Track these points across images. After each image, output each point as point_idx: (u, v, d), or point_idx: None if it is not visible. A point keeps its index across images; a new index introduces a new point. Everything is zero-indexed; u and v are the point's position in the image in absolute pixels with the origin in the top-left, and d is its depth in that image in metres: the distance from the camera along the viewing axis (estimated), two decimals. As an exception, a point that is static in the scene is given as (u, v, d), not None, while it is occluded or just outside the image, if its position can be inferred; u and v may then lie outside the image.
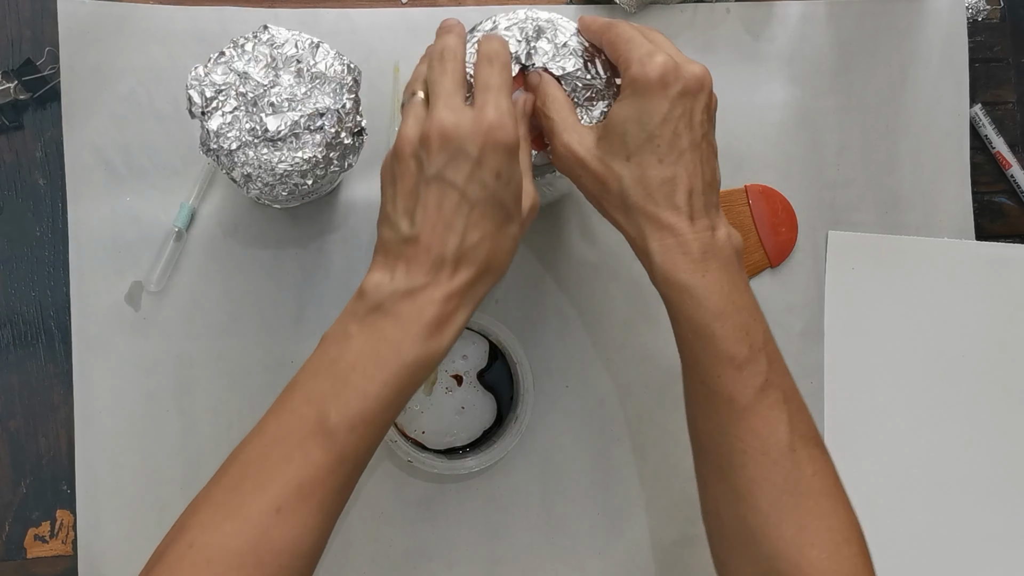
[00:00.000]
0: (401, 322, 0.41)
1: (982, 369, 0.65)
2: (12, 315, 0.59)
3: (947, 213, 0.66)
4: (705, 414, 0.45)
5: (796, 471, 0.43)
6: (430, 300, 0.41)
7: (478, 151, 0.41)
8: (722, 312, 0.43)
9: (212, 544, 0.39)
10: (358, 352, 0.41)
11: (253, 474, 0.40)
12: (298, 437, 0.40)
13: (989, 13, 0.68)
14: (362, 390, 0.41)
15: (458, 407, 0.60)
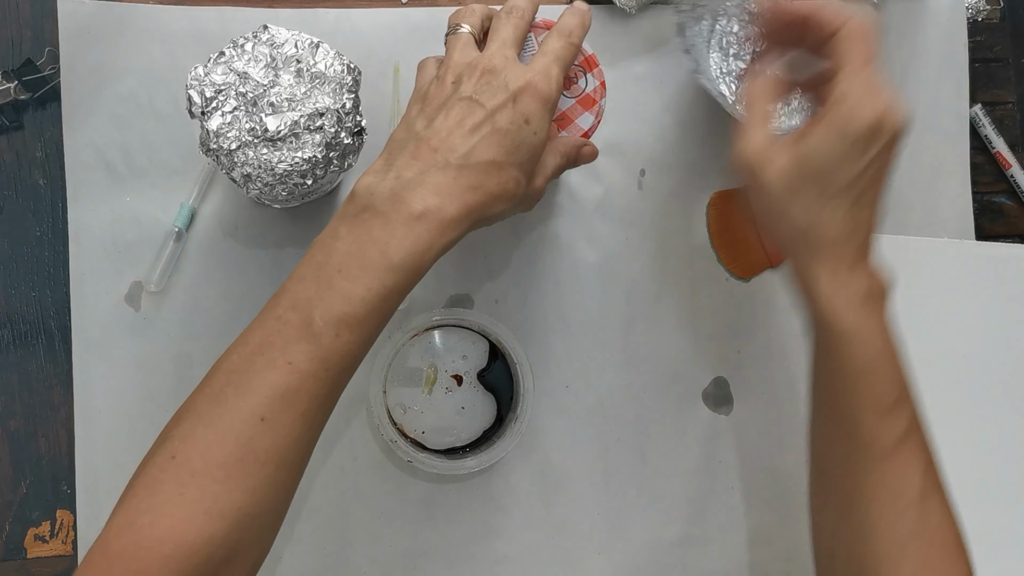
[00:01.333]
0: (389, 222, 0.40)
1: (982, 369, 0.65)
2: (12, 315, 0.59)
3: (947, 213, 0.66)
4: (838, 454, 0.44)
5: (923, 520, 0.43)
6: (421, 197, 0.41)
7: (516, 89, 0.42)
8: (878, 358, 0.43)
9: (195, 455, 0.38)
10: (344, 254, 0.40)
11: (236, 382, 0.39)
12: (281, 343, 0.39)
13: (989, 13, 0.68)
14: (347, 293, 0.40)
15: (458, 407, 0.60)
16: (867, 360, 0.42)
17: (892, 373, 0.43)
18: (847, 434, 0.43)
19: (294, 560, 0.59)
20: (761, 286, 0.64)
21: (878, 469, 0.43)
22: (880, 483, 0.43)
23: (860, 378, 0.43)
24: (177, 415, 0.41)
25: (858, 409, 0.43)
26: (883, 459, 0.43)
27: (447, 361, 0.60)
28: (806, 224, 0.42)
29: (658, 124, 0.64)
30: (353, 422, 0.60)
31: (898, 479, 0.43)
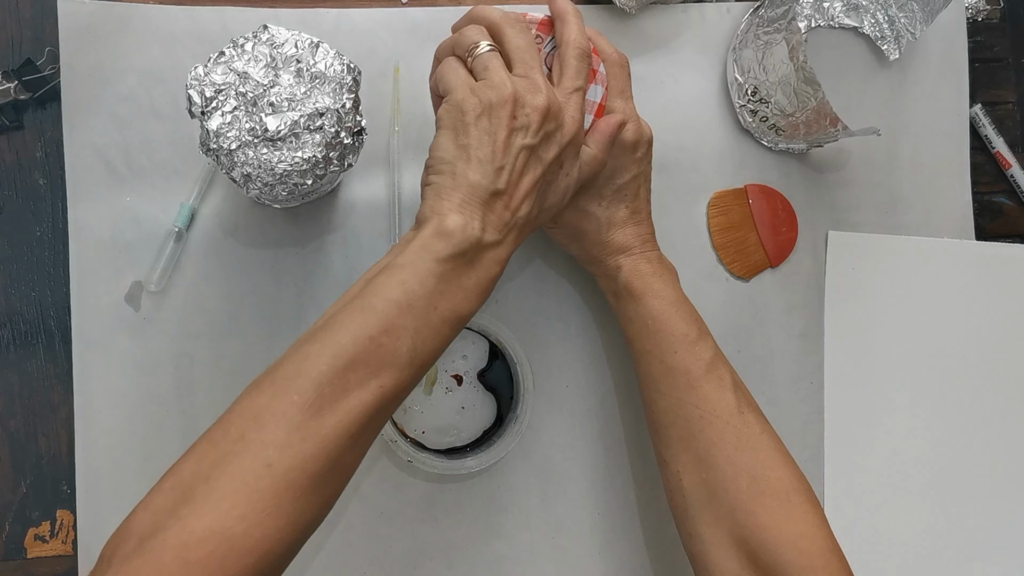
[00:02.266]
0: (478, 274, 0.44)
1: (982, 369, 0.65)
2: (12, 315, 0.59)
3: (947, 213, 0.66)
4: (663, 391, 0.52)
5: (745, 429, 0.50)
6: (498, 259, 0.45)
7: (566, 141, 0.47)
8: (676, 301, 0.53)
9: (293, 468, 0.38)
10: (439, 295, 0.43)
11: (331, 398, 0.40)
12: (375, 365, 0.41)
13: (989, 13, 0.68)
14: (437, 333, 0.43)
15: (458, 407, 0.60)
16: (669, 303, 0.53)
17: (689, 316, 0.53)
18: (667, 368, 0.52)
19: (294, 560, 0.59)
20: (761, 286, 0.64)
21: (695, 392, 0.51)
22: (700, 404, 0.50)
23: (665, 318, 0.53)
24: (257, 416, 0.40)
25: (669, 345, 0.52)
26: (699, 381, 0.51)
27: (447, 361, 0.60)
28: (597, 226, 0.54)
29: (658, 124, 0.64)
30: (353, 422, 0.60)
31: (716, 398, 0.50)
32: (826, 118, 0.57)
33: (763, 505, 0.48)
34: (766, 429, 0.51)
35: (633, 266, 0.54)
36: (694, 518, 0.50)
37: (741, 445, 0.49)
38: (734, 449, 0.49)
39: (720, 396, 0.51)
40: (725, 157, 0.64)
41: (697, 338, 0.52)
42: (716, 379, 0.51)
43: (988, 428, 0.65)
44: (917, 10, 0.64)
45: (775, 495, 0.48)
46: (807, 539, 0.47)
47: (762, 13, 0.60)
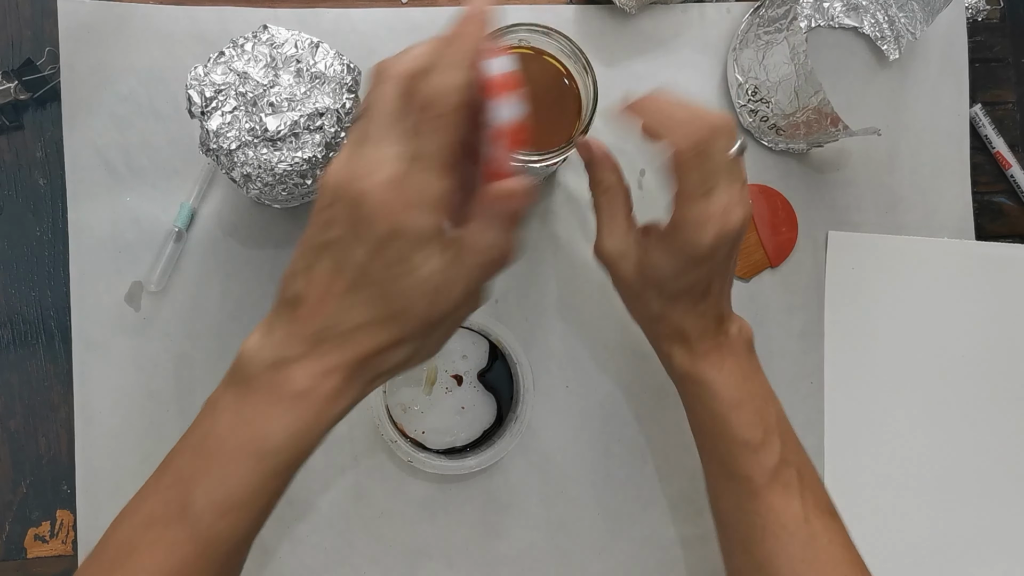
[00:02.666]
0: (266, 399, 0.36)
1: (982, 369, 0.65)
2: (12, 315, 0.59)
3: (947, 213, 0.66)
4: (724, 493, 0.49)
5: (812, 542, 0.46)
6: (305, 374, 0.36)
7: (379, 234, 0.34)
8: (738, 402, 0.47)
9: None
10: (225, 429, 0.37)
11: (124, 559, 0.38)
12: (164, 521, 0.37)
13: (989, 13, 0.68)
14: (225, 475, 0.36)
15: (458, 407, 0.60)
16: (729, 404, 0.47)
17: (753, 415, 0.47)
18: (728, 474, 0.48)
19: (294, 560, 0.59)
20: (761, 286, 0.64)
21: (757, 501, 0.46)
22: (762, 513, 0.46)
23: (725, 420, 0.47)
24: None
25: (730, 448, 0.47)
26: (762, 491, 0.46)
27: (447, 361, 0.60)
28: (654, 315, 0.48)
29: (658, 124, 0.64)
30: (353, 422, 0.60)
31: (780, 508, 0.46)
32: (826, 118, 0.57)
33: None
34: (835, 538, 0.47)
35: (687, 358, 0.48)
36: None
37: (807, 557, 0.46)
38: (799, 562, 0.46)
39: (785, 505, 0.46)
40: (725, 157, 0.64)
41: (761, 444, 0.46)
42: (781, 487, 0.46)
43: (988, 428, 0.65)
44: (917, 10, 0.64)
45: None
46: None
47: (763, 13, 0.60)
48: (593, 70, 0.51)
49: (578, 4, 0.64)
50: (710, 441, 0.48)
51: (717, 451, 0.48)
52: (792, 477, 0.47)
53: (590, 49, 0.53)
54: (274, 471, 0.37)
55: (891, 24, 0.66)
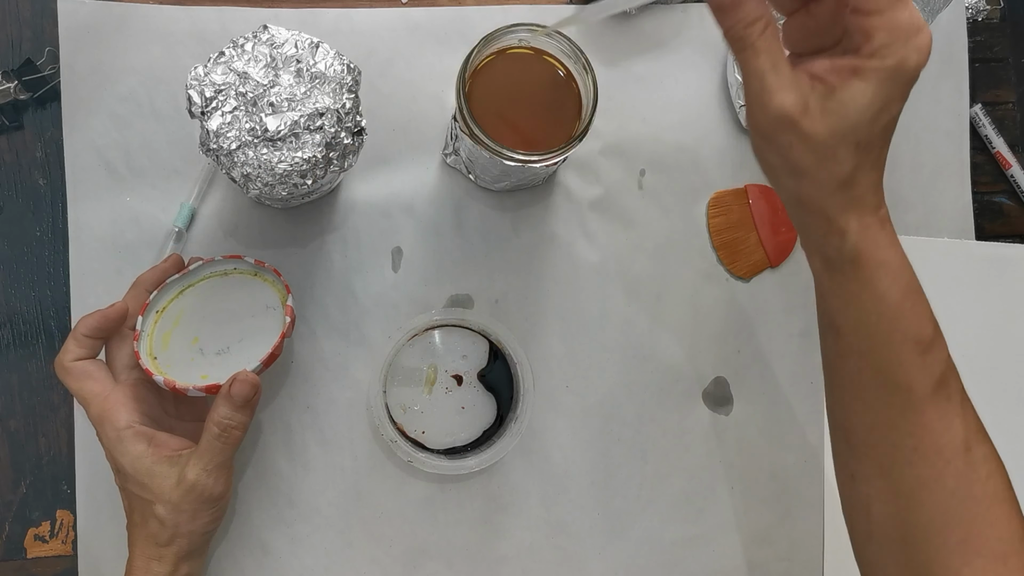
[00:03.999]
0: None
1: (982, 369, 0.65)
2: (12, 315, 0.59)
3: (947, 213, 0.66)
4: (871, 404, 0.42)
5: (970, 473, 0.40)
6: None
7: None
8: (913, 288, 0.41)
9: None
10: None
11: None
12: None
13: (989, 13, 0.68)
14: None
15: (458, 407, 0.60)
16: (904, 292, 0.40)
17: (926, 307, 0.41)
18: (883, 380, 0.41)
19: (294, 560, 0.59)
20: (761, 286, 0.64)
21: (917, 417, 0.40)
22: (918, 433, 0.40)
23: (899, 311, 0.40)
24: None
25: (896, 347, 0.40)
26: (922, 404, 0.40)
27: (447, 361, 0.60)
28: (845, 175, 0.39)
29: (658, 124, 0.64)
30: (353, 422, 0.60)
31: (939, 428, 0.40)
32: None
33: (971, 565, 0.40)
34: (994, 471, 0.41)
35: (867, 230, 0.40)
36: (879, 551, 0.43)
37: (960, 492, 0.40)
38: (950, 496, 0.40)
39: (945, 427, 0.40)
40: (725, 157, 0.64)
41: (931, 343, 0.41)
42: (944, 401, 0.41)
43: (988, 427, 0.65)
44: (917, 10, 0.64)
45: (990, 557, 0.40)
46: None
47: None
48: (593, 70, 0.51)
49: (578, 4, 0.64)
50: (870, 341, 0.41)
51: (877, 354, 0.41)
52: (955, 390, 0.41)
53: (590, 49, 0.53)
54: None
55: (891, 24, 0.66)
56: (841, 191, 0.39)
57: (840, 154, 0.38)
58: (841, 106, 0.38)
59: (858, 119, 0.38)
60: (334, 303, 0.60)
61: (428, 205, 0.62)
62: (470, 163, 0.59)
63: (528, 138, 0.53)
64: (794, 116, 0.38)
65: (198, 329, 0.53)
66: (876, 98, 0.38)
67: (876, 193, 0.40)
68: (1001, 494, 0.41)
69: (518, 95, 0.53)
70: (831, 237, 0.41)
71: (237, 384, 0.49)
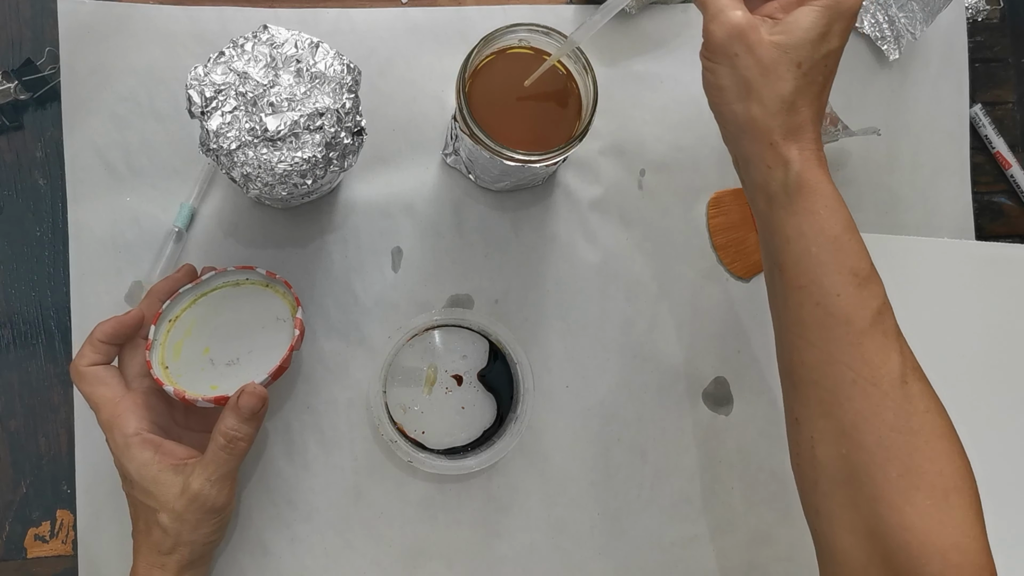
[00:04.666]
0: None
1: (982, 369, 0.65)
2: (12, 315, 0.59)
3: (947, 213, 0.66)
4: (812, 340, 0.43)
5: (907, 406, 0.41)
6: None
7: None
8: (850, 224, 0.43)
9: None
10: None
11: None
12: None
13: (989, 13, 0.68)
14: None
15: (458, 407, 0.60)
16: (843, 225, 0.43)
17: (862, 245, 0.43)
18: (823, 313, 0.42)
19: (294, 560, 0.59)
20: (761, 286, 0.64)
21: (856, 349, 0.42)
22: (856, 366, 0.42)
23: (837, 243, 0.42)
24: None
25: (833, 284, 0.42)
26: (860, 336, 0.42)
27: (447, 361, 0.60)
28: (787, 94, 0.42)
29: (658, 124, 0.64)
30: (353, 422, 0.60)
31: (877, 360, 0.42)
32: (826, 118, 0.57)
33: (913, 502, 0.40)
34: (932, 407, 0.42)
35: (808, 161, 0.43)
36: (824, 494, 0.43)
37: (899, 425, 0.41)
38: (889, 429, 0.41)
39: (883, 359, 0.41)
40: (725, 157, 0.64)
41: (868, 276, 0.42)
42: (881, 334, 0.42)
43: (988, 428, 0.65)
44: (917, 10, 0.64)
45: (930, 492, 0.40)
46: (960, 552, 0.40)
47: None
48: (593, 70, 0.51)
49: (578, 4, 0.64)
50: (809, 275, 0.43)
51: (817, 285, 0.42)
52: (891, 325, 0.43)
53: (590, 49, 0.53)
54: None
55: (891, 24, 0.66)
56: (783, 113, 0.42)
57: (782, 70, 0.42)
58: (786, 26, 0.42)
59: (801, 39, 0.42)
60: (334, 303, 0.60)
61: (428, 205, 0.62)
62: (470, 163, 0.59)
63: (528, 138, 0.53)
64: (743, 27, 0.42)
65: (209, 339, 0.54)
66: (817, 23, 0.42)
67: (815, 128, 0.43)
68: (940, 430, 0.42)
69: (518, 95, 0.53)
70: (775, 170, 0.43)
71: (245, 396, 0.49)
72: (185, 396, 0.50)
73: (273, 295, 0.55)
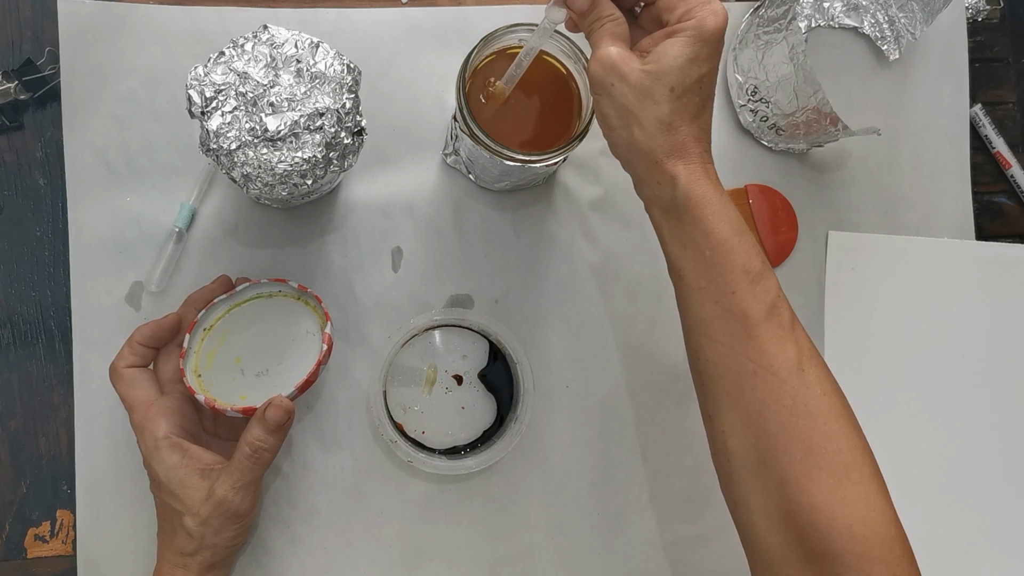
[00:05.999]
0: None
1: (982, 369, 0.65)
2: (12, 315, 0.59)
3: (947, 213, 0.66)
4: (714, 337, 0.46)
5: (804, 391, 0.44)
6: None
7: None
8: (739, 227, 0.46)
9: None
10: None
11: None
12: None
13: (989, 13, 0.68)
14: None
15: (458, 407, 0.60)
16: (732, 229, 0.45)
17: (752, 245, 0.46)
18: (721, 311, 0.45)
19: (294, 560, 0.59)
20: (761, 286, 0.64)
21: (754, 341, 0.44)
22: (755, 357, 0.44)
23: (728, 245, 0.45)
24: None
25: (727, 282, 0.45)
26: (757, 329, 0.44)
27: (447, 361, 0.60)
28: (664, 116, 0.45)
29: (658, 124, 0.64)
30: (353, 422, 0.60)
31: (774, 350, 0.44)
32: (826, 118, 0.57)
33: (816, 482, 0.42)
34: (829, 390, 0.44)
35: (693, 175, 0.46)
36: (740, 484, 0.45)
37: (797, 409, 0.43)
38: (789, 413, 0.43)
39: (779, 348, 0.44)
40: (725, 157, 0.64)
41: (760, 273, 0.45)
42: (776, 326, 0.44)
43: (988, 427, 0.65)
44: (917, 10, 0.64)
45: (831, 471, 0.42)
46: (864, 525, 0.42)
47: (762, 13, 0.60)
48: (593, 70, 0.51)
49: (578, 4, 0.64)
50: (706, 276, 0.46)
51: (715, 284, 0.45)
52: (786, 317, 0.45)
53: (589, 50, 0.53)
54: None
55: (891, 24, 0.66)
56: (663, 134, 0.46)
57: (656, 95, 0.45)
58: (655, 56, 0.45)
59: (669, 65, 0.45)
60: (334, 303, 0.60)
61: (428, 205, 0.62)
62: (470, 163, 0.59)
63: (528, 138, 0.53)
64: (615, 60, 0.45)
65: (241, 350, 0.55)
66: (684, 51, 0.44)
67: (699, 144, 0.46)
68: (837, 410, 0.44)
69: (518, 95, 0.53)
70: (664, 186, 0.47)
71: (272, 409, 0.50)
72: (215, 405, 0.51)
73: (304, 308, 0.56)
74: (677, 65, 0.45)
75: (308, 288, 0.55)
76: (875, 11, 0.66)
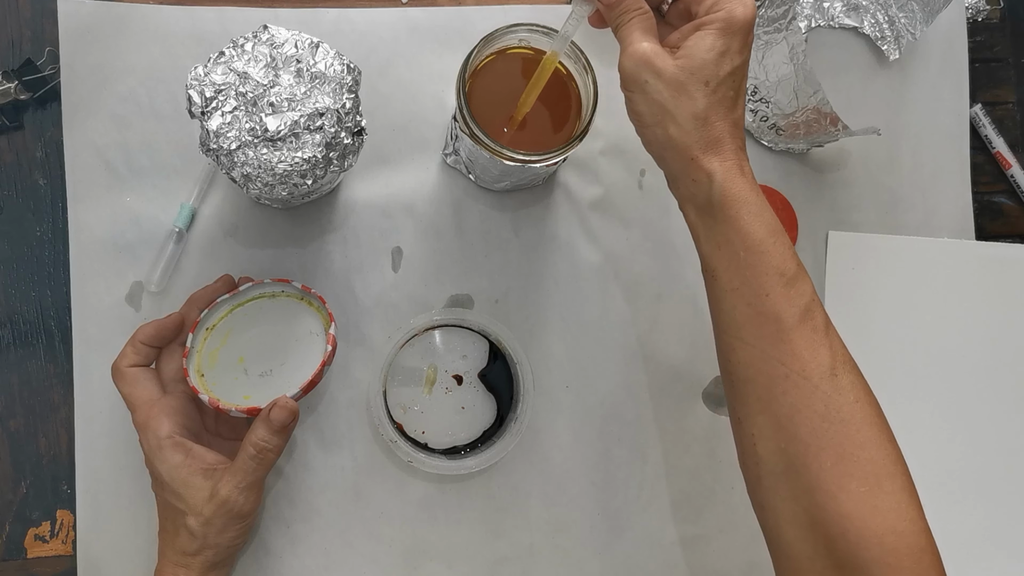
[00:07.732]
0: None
1: (982, 368, 0.65)
2: (12, 315, 0.59)
3: (947, 213, 0.66)
4: (746, 339, 0.45)
5: (837, 397, 0.43)
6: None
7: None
8: (775, 228, 0.45)
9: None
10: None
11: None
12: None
13: (989, 13, 0.68)
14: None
15: (458, 407, 0.60)
16: (768, 230, 0.45)
17: (788, 246, 0.45)
18: (755, 313, 0.44)
19: (294, 560, 0.59)
20: (761, 286, 0.64)
21: (783, 347, 0.44)
22: (787, 361, 0.43)
23: (763, 246, 0.44)
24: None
25: (761, 284, 0.44)
26: (790, 333, 0.44)
27: (447, 361, 0.60)
28: (700, 111, 0.45)
29: (658, 124, 0.64)
30: (353, 422, 0.60)
31: (807, 355, 0.43)
32: (826, 118, 0.57)
33: (847, 490, 0.41)
34: (862, 397, 0.43)
35: (729, 172, 0.45)
36: (768, 489, 0.44)
37: (830, 416, 0.42)
38: (821, 419, 0.42)
39: (812, 353, 0.43)
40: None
41: (795, 276, 0.44)
42: (809, 330, 0.44)
43: (988, 427, 0.65)
44: (917, 10, 0.64)
45: (863, 479, 0.42)
46: (895, 535, 0.41)
47: (762, 13, 0.60)
48: (593, 70, 0.51)
49: (578, 4, 0.64)
50: (740, 277, 0.45)
51: (748, 286, 0.45)
52: (820, 321, 0.44)
53: (590, 49, 0.53)
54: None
55: (891, 24, 0.66)
56: (699, 129, 0.45)
57: (691, 89, 0.45)
58: (687, 51, 0.45)
59: (702, 60, 0.44)
60: (334, 303, 0.60)
61: (428, 205, 0.62)
62: (470, 163, 0.59)
63: (528, 138, 0.53)
64: (649, 56, 0.45)
65: (244, 349, 0.55)
66: (715, 44, 0.44)
67: (734, 140, 0.46)
68: (870, 419, 0.43)
69: (518, 95, 0.53)
70: (700, 183, 0.46)
71: (276, 410, 0.50)
72: (219, 405, 0.51)
73: (307, 309, 0.56)
74: (711, 59, 0.44)
75: (312, 289, 0.55)
76: (875, 11, 0.66)
